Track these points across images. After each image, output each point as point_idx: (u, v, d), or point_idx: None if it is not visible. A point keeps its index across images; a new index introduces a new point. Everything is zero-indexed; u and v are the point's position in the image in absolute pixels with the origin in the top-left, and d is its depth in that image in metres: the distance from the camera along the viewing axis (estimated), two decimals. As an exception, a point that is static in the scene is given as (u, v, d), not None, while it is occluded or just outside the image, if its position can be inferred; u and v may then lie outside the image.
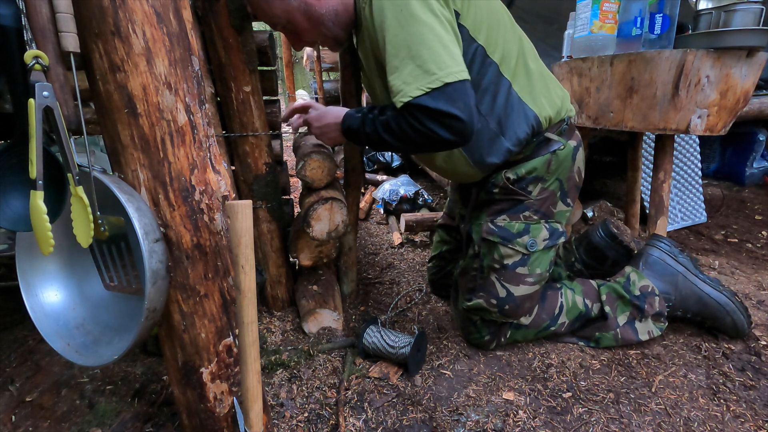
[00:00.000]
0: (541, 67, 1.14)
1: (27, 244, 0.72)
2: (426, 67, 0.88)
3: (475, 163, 1.12)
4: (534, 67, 1.11)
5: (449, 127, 0.91)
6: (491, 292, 1.17)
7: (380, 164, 3.33)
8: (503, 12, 1.09)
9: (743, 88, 1.26)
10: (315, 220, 1.27)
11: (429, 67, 0.88)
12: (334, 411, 1.03)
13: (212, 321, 0.73)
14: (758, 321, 1.32)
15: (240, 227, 0.58)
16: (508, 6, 3.26)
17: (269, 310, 1.46)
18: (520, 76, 1.07)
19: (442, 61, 0.88)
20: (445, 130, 0.91)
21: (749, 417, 0.99)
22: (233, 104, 1.21)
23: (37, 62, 0.56)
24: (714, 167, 2.94)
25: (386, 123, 0.97)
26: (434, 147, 0.97)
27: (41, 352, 1.24)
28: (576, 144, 1.16)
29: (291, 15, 1.05)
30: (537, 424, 0.98)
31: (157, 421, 1.00)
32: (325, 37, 1.09)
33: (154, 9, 0.60)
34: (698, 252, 1.88)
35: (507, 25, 1.07)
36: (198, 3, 1.10)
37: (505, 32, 1.05)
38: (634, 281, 1.23)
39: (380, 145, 1.02)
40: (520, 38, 1.10)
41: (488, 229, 1.16)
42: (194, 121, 0.67)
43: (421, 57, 0.88)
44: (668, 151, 1.53)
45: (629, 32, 1.43)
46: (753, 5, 1.20)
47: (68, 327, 0.74)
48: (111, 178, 0.63)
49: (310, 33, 1.08)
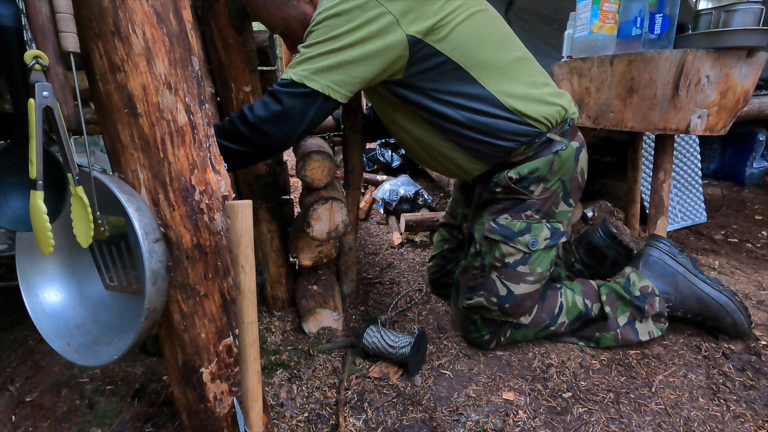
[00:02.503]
0: (535, 74, 1.14)
1: (27, 244, 0.72)
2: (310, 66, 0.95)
3: (475, 158, 1.14)
4: (528, 70, 1.12)
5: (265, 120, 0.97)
6: (492, 291, 1.17)
7: (380, 164, 3.33)
8: (491, 31, 1.07)
9: (743, 88, 1.26)
10: (315, 220, 1.27)
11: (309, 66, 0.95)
12: (334, 411, 1.03)
13: (212, 321, 0.73)
14: (758, 321, 1.32)
15: (240, 227, 0.58)
16: (508, 6, 3.28)
17: (269, 310, 1.46)
18: (504, 84, 1.07)
19: (319, 72, 0.95)
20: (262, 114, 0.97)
21: (749, 417, 0.99)
22: (233, 104, 1.21)
23: (37, 62, 0.56)
24: (714, 167, 2.94)
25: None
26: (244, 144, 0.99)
27: (41, 352, 1.24)
28: (579, 145, 1.17)
29: (288, 23, 1.09)
30: (537, 424, 0.98)
31: (157, 421, 1.00)
32: None
33: (154, 9, 0.60)
34: (698, 252, 1.88)
35: (495, 42, 1.07)
36: (198, 3, 1.10)
37: (492, 48, 1.05)
38: (634, 282, 1.23)
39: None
40: (509, 52, 1.09)
41: (490, 227, 1.17)
42: (194, 121, 0.67)
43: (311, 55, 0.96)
44: (668, 151, 1.53)
45: (629, 32, 1.43)
46: (753, 5, 1.20)
47: (68, 327, 0.74)
48: (111, 178, 0.63)
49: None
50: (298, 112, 0.95)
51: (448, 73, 1.03)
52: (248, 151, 0.99)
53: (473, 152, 1.13)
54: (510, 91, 1.07)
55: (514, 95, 1.07)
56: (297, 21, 1.09)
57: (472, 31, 1.02)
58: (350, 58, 0.94)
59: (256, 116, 0.94)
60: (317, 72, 0.94)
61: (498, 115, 1.07)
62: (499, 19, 1.12)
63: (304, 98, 0.95)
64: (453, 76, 1.03)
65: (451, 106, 1.06)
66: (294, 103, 0.95)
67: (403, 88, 1.06)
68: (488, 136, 1.09)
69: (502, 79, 1.07)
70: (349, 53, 0.94)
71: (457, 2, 1.01)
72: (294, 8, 1.09)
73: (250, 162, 1.05)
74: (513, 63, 1.09)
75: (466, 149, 1.13)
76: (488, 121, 1.07)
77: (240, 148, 0.97)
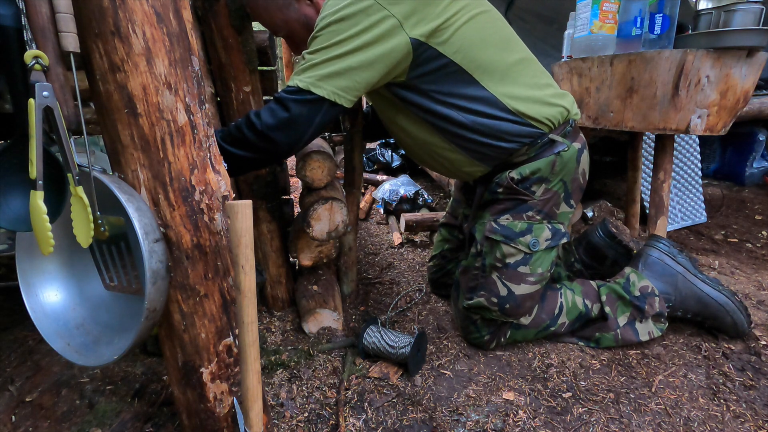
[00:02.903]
0: (537, 75, 1.14)
1: (27, 244, 0.72)
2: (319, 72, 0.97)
3: (476, 160, 1.14)
4: (530, 71, 1.12)
5: (272, 127, 0.97)
6: (492, 291, 1.17)
7: (380, 164, 3.33)
8: (493, 33, 1.08)
9: (743, 88, 1.26)
10: (315, 220, 1.27)
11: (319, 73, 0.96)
12: (334, 411, 1.03)
13: (212, 321, 0.73)
14: (758, 321, 1.32)
15: (240, 227, 0.58)
16: (508, 6, 3.28)
17: (269, 310, 1.46)
18: (506, 86, 1.07)
19: (327, 78, 0.95)
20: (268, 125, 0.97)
21: (749, 417, 0.99)
22: (233, 104, 1.21)
23: (37, 62, 0.56)
24: (714, 167, 2.94)
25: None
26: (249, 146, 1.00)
27: (41, 352, 1.24)
28: (580, 146, 1.17)
29: (290, 25, 1.10)
30: (537, 424, 0.98)
31: (157, 421, 1.00)
32: None
33: (154, 9, 0.60)
34: (698, 252, 1.88)
35: (498, 44, 1.07)
36: (198, 3, 1.10)
37: (494, 50, 1.06)
38: (633, 282, 1.23)
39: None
40: (511, 54, 1.10)
41: (491, 227, 1.17)
42: (194, 121, 0.67)
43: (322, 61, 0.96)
44: (668, 151, 1.53)
45: (629, 32, 1.43)
46: (753, 5, 1.20)
47: (68, 327, 0.74)
48: (111, 178, 0.63)
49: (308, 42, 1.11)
50: (305, 118, 0.96)
51: (451, 75, 1.03)
52: (254, 157, 0.99)
53: (475, 154, 1.13)
54: (512, 93, 1.07)
55: (517, 97, 1.07)
56: (299, 23, 1.10)
57: (474, 33, 1.02)
58: (355, 64, 0.95)
59: (263, 123, 0.95)
60: (323, 79, 0.95)
61: (500, 117, 1.07)
62: (501, 20, 1.12)
63: (311, 105, 0.96)
64: (455, 78, 1.04)
65: (453, 108, 1.06)
66: (301, 110, 0.95)
67: (405, 90, 1.06)
68: (490, 137, 1.09)
69: (505, 81, 1.07)
70: (353, 58, 0.94)
71: (460, 4, 1.01)
72: (296, 11, 1.09)
73: (255, 167, 1.06)
74: (515, 65, 1.09)
75: (467, 151, 1.13)
76: (490, 122, 1.07)
77: (246, 154, 0.98)
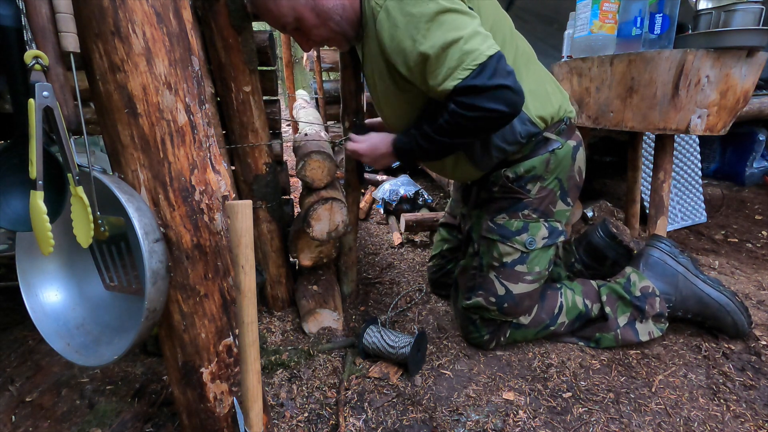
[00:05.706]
0: (539, 70, 1.15)
1: (27, 244, 0.72)
2: (465, 49, 0.90)
3: (472, 162, 1.13)
4: (531, 70, 1.12)
5: (501, 99, 0.92)
6: (490, 290, 1.17)
7: (380, 164, 3.32)
8: (504, 19, 1.11)
9: (743, 88, 1.26)
10: (315, 220, 1.27)
11: (467, 48, 0.90)
12: (334, 411, 1.03)
13: (212, 321, 0.73)
14: (758, 321, 1.32)
15: (240, 227, 0.58)
16: (508, 5, 3.28)
17: (269, 310, 1.46)
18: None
19: (476, 42, 0.91)
20: (499, 103, 0.92)
21: (749, 417, 0.99)
22: (233, 104, 1.21)
23: (37, 62, 0.56)
24: (714, 167, 2.94)
25: (439, 127, 0.99)
26: (491, 126, 0.99)
27: (41, 352, 1.24)
28: (576, 144, 1.17)
29: (298, 12, 1.03)
30: (537, 424, 0.98)
31: (157, 421, 1.00)
32: (334, 33, 1.07)
33: (154, 9, 0.60)
34: (698, 252, 1.88)
35: (506, 30, 1.09)
36: (198, 3, 1.10)
37: (503, 36, 1.07)
38: (634, 282, 1.23)
39: (438, 152, 1.06)
40: (517, 45, 1.11)
41: (487, 227, 1.17)
42: (194, 121, 0.67)
43: (457, 45, 0.90)
44: (668, 151, 1.53)
45: (629, 32, 1.43)
46: (753, 5, 1.20)
47: (68, 327, 0.74)
48: (111, 178, 0.63)
49: (318, 30, 1.05)
50: (505, 72, 0.94)
51: None
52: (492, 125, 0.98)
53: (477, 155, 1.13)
54: None
55: None
56: (308, 9, 1.03)
57: (490, 14, 1.03)
58: (473, 26, 0.95)
59: (509, 87, 0.92)
60: (475, 46, 0.92)
61: None
62: (504, 14, 1.12)
63: (497, 60, 0.93)
64: None
65: None
66: (501, 69, 0.93)
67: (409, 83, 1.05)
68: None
69: None
70: (465, 19, 0.94)
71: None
72: None
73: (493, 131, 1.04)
74: (515, 60, 1.09)
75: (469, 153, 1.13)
76: None
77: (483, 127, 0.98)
